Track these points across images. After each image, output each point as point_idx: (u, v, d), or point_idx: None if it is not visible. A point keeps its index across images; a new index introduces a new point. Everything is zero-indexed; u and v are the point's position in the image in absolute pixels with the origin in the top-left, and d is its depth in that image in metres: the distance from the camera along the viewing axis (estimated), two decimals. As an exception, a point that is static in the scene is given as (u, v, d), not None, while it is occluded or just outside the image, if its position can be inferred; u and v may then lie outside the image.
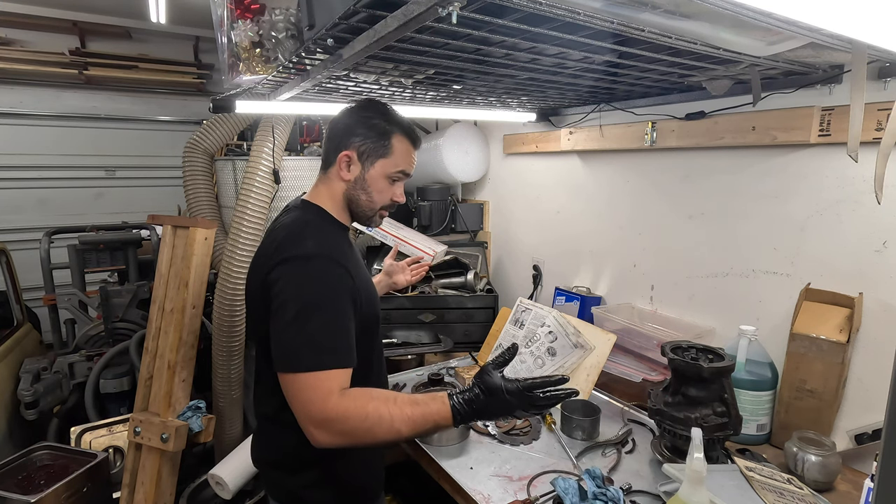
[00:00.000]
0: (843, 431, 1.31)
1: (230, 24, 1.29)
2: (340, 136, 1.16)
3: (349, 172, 1.16)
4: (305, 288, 1.01)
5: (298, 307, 0.99)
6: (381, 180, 1.18)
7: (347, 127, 1.16)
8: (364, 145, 1.15)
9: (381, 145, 1.15)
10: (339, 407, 0.96)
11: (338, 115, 1.20)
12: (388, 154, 1.16)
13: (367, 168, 1.16)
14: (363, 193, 1.18)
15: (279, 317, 1.00)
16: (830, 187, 1.37)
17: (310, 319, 0.99)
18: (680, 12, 0.81)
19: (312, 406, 0.96)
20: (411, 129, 1.20)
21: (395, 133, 1.16)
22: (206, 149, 2.34)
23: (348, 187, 1.18)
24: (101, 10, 3.84)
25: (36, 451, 1.80)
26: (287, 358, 0.99)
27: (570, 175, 2.19)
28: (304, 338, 0.98)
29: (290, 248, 1.05)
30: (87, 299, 2.67)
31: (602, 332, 1.63)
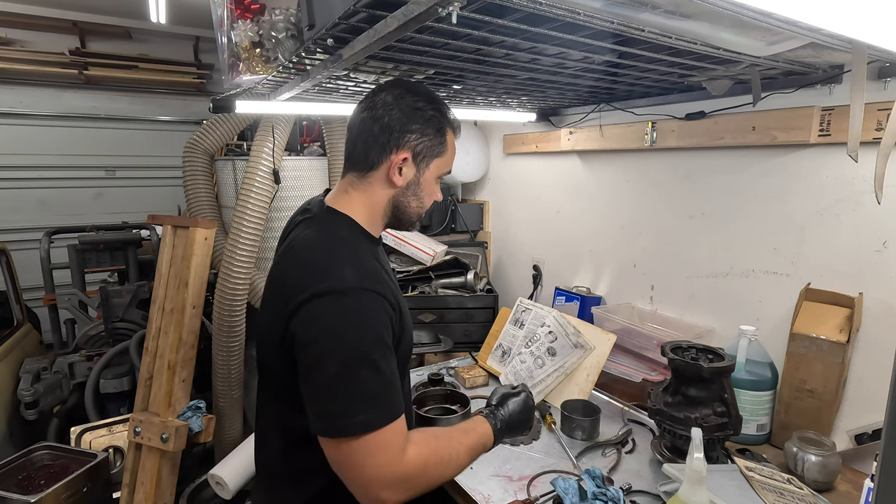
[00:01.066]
0: (843, 431, 1.31)
1: (230, 24, 1.30)
2: (390, 133, 0.95)
3: (401, 177, 0.97)
4: (348, 333, 0.82)
5: (342, 358, 0.81)
6: (433, 182, 1.02)
7: (399, 121, 0.95)
8: (421, 143, 0.96)
9: (438, 143, 0.98)
10: (418, 459, 0.84)
11: (384, 103, 0.96)
12: (444, 152, 1.00)
13: (423, 170, 0.99)
14: (414, 199, 1.01)
15: (318, 371, 0.82)
16: (830, 187, 1.37)
17: (360, 371, 0.81)
18: (680, 12, 0.81)
19: (388, 468, 0.81)
20: (458, 122, 1.05)
21: (448, 129, 1.01)
22: (206, 149, 2.34)
23: (397, 193, 0.99)
24: (101, 10, 3.84)
25: (36, 451, 1.80)
26: (338, 421, 0.80)
27: (570, 175, 2.19)
28: (357, 394, 0.81)
29: (322, 278, 0.85)
30: (87, 299, 2.67)
31: (602, 332, 1.63)
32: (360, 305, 0.84)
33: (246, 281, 2.14)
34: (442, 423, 1.41)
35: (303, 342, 0.83)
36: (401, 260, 2.37)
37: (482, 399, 1.72)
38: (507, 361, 1.82)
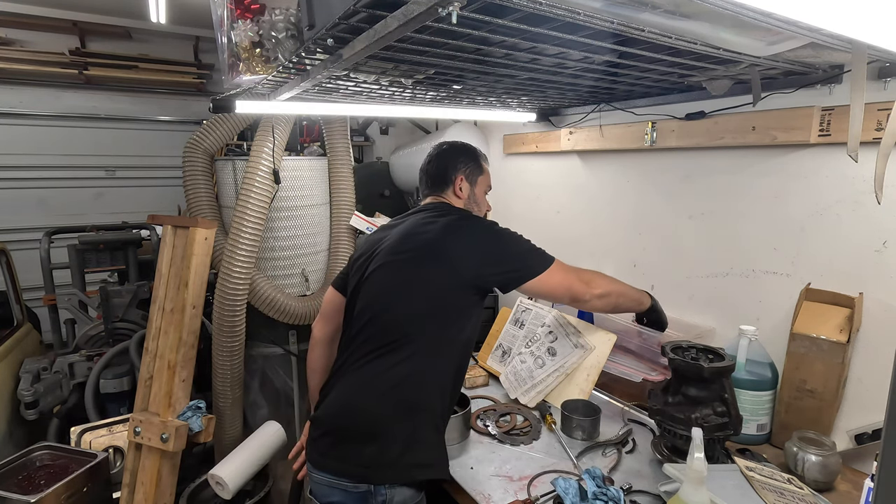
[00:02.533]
0: (843, 431, 1.31)
1: (230, 24, 1.30)
2: (449, 167, 1.47)
3: (462, 191, 1.46)
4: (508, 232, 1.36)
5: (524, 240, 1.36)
6: (482, 194, 1.52)
7: (453, 160, 1.48)
8: (468, 168, 1.48)
9: (477, 167, 1.50)
10: (590, 271, 1.41)
11: (438, 153, 1.51)
12: (483, 172, 1.51)
13: (473, 186, 1.48)
14: (475, 206, 1.50)
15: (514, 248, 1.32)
16: (830, 187, 1.37)
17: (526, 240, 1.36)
18: (680, 12, 0.81)
19: (578, 271, 1.35)
20: (483, 154, 1.56)
21: (479, 158, 1.53)
22: (206, 149, 2.34)
23: (464, 203, 1.47)
24: (101, 10, 3.85)
25: (36, 451, 1.79)
26: (540, 261, 1.30)
27: (570, 175, 2.19)
28: (530, 247, 1.34)
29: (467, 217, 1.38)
30: (87, 299, 2.67)
31: (602, 332, 1.63)
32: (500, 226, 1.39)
33: (246, 281, 2.14)
34: (442, 423, 1.42)
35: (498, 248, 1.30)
36: (401, 260, 2.37)
37: (483, 399, 1.72)
38: (508, 361, 1.82)
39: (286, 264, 2.35)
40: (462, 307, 1.27)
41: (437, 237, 1.28)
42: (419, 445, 1.19)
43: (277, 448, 2.04)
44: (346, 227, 2.50)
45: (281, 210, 2.27)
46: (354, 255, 1.46)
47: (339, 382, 1.28)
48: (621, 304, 1.45)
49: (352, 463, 1.17)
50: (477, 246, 1.28)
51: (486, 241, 1.30)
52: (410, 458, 1.17)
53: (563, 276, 1.32)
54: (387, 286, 1.29)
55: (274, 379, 2.50)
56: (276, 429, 2.07)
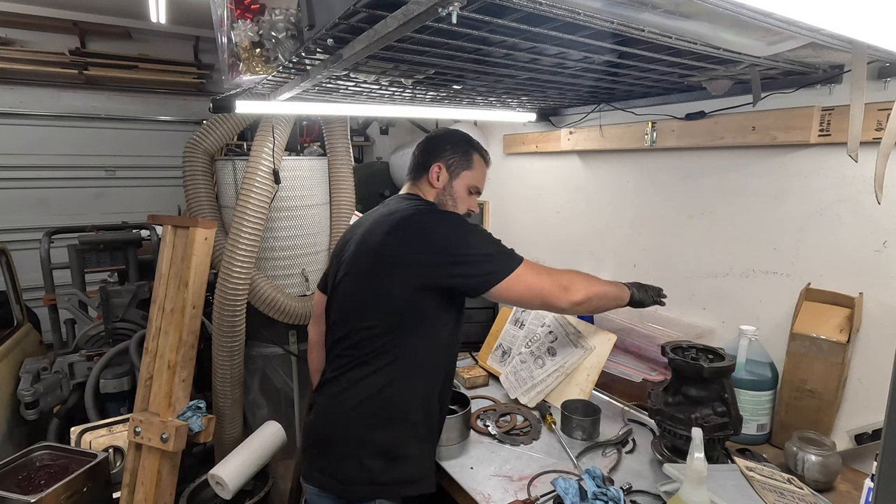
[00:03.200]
0: (843, 431, 1.31)
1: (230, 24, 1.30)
2: (432, 152, 1.37)
3: (438, 181, 1.35)
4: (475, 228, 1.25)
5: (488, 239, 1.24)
6: (463, 190, 1.38)
7: (438, 145, 1.38)
8: (452, 158, 1.36)
9: (465, 160, 1.37)
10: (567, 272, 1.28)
11: (428, 138, 1.43)
12: (471, 167, 1.38)
13: (454, 178, 1.36)
14: (450, 199, 1.36)
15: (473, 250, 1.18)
16: (830, 187, 1.37)
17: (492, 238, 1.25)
18: (680, 12, 0.81)
19: (552, 273, 1.23)
20: (485, 151, 1.45)
21: (474, 153, 1.40)
22: (206, 149, 2.34)
23: (438, 193, 1.36)
24: (101, 10, 3.85)
25: (36, 451, 1.79)
26: (508, 262, 1.18)
27: (570, 175, 2.19)
28: (494, 249, 1.22)
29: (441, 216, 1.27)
30: (87, 299, 2.67)
31: (602, 332, 1.63)
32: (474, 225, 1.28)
33: (246, 281, 2.14)
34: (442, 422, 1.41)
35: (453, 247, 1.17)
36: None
37: (482, 399, 1.72)
38: (508, 361, 1.82)
39: (286, 264, 2.35)
40: (430, 311, 1.19)
41: (393, 240, 1.19)
42: (401, 460, 1.17)
43: (277, 448, 2.04)
44: (345, 227, 2.50)
45: (281, 210, 2.27)
46: (333, 252, 1.42)
47: (321, 394, 1.28)
48: (601, 307, 1.35)
49: (334, 478, 1.17)
50: (433, 245, 1.17)
51: (443, 239, 1.18)
52: (392, 474, 1.16)
53: (535, 279, 1.19)
54: (353, 298, 1.24)
55: (274, 379, 2.50)
56: (276, 429, 2.07)
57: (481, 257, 1.17)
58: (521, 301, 1.21)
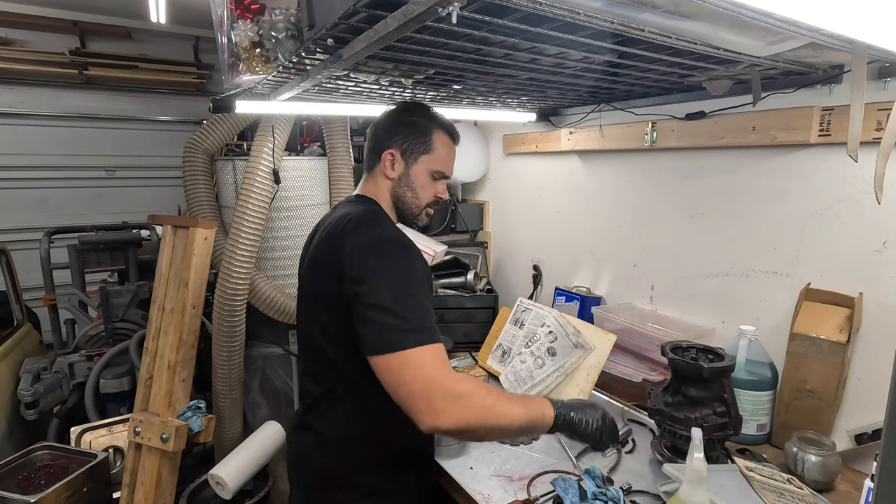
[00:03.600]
0: (843, 431, 1.31)
1: (230, 24, 1.30)
2: (383, 137, 1.20)
3: (393, 170, 1.19)
4: (398, 269, 1.00)
5: (403, 289, 0.98)
6: (424, 177, 1.20)
7: (390, 127, 1.20)
8: (406, 143, 1.18)
9: (422, 142, 1.19)
10: (471, 385, 0.96)
11: (379, 117, 1.24)
12: (431, 150, 1.20)
13: (411, 165, 1.19)
14: (408, 190, 1.20)
15: (381, 296, 0.96)
16: (830, 187, 1.37)
17: (411, 297, 0.98)
18: (680, 12, 0.81)
19: (440, 379, 0.92)
20: (450, 127, 1.24)
21: (436, 130, 1.20)
22: (206, 149, 2.34)
23: (394, 185, 1.20)
24: (101, 10, 3.85)
25: (36, 451, 1.79)
26: (396, 337, 0.94)
27: (570, 175, 2.19)
28: (411, 314, 0.96)
29: (372, 229, 1.06)
30: (87, 299, 2.66)
31: (602, 332, 1.63)
32: (416, 255, 1.05)
33: (246, 281, 2.14)
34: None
35: (371, 272, 0.99)
36: (401, 260, 2.37)
37: (482, 399, 1.72)
38: (507, 361, 1.82)
39: (286, 264, 2.35)
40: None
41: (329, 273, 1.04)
42: (377, 496, 1.12)
43: (277, 448, 2.04)
44: (346, 227, 2.50)
45: (281, 210, 2.27)
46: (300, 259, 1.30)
47: (296, 421, 1.23)
48: (489, 437, 1.07)
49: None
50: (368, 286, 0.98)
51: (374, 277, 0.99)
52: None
53: (411, 375, 0.92)
54: (307, 327, 1.15)
55: (274, 379, 2.50)
56: (276, 429, 2.07)
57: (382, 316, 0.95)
58: (390, 389, 0.95)
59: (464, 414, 0.92)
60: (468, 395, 0.93)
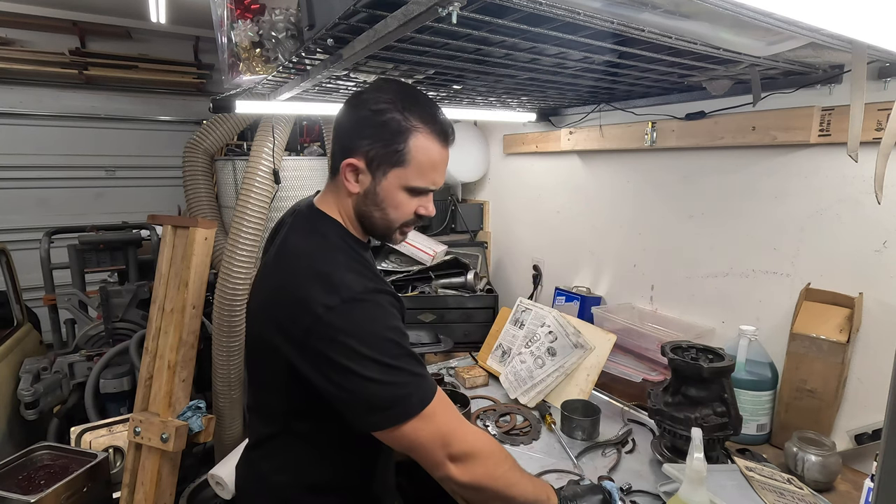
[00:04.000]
0: (843, 431, 1.31)
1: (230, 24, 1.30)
2: (345, 138, 0.92)
3: (357, 184, 0.93)
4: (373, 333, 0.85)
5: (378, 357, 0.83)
6: (397, 193, 0.93)
7: (353, 126, 0.92)
8: (373, 150, 0.90)
9: (394, 151, 0.89)
10: (486, 441, 0.91)
11: (343, 108, 0.95)
12: (406, 162, 0.90)
13: (379, 179, 0.92)
14: (376, 210, 0.94)
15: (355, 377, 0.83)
16: (830, 187, 1.37)
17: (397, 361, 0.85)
18: (680, 12, 0.81)
19: (460, 431, 0.87)
20: (439, 123, 0.92)
21: (415, 133, 0.89)
22: (206, 149, 2.35)
23: (357, 201, 0.95)
24: (101, 10, 3.84)
25: (36, 451, 1.79)
26: (393, 408, 0.83)
27: (570, 175, 2.19)
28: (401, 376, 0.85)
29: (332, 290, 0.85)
30: (87, 299, 2.66)
31: (602, 332, 1.63)
32: (373, 306, 0.87)
33: (246, 281, 2.14)
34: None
35: (327, 355, 0.84)
36: (401, 260, 2.37)
37: (483, 399, 1.72)
38: (507, 361, 1.82)
39: (286, 264, 2.35)
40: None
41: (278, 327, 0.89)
42: None
43: (277, 448, 2.04)
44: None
45: (281, 210, 2.26)
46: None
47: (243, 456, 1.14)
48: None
49: None
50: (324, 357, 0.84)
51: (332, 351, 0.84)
52: None
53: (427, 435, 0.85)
54: (255, 355, 1.02)
55: (274, 379, 2.50)
56: (276, 429, 2.06)
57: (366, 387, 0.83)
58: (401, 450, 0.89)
59: (480, 473, 0.88)
60: (487, 455, 0.90)
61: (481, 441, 0.91)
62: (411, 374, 0.86)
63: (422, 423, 0.84)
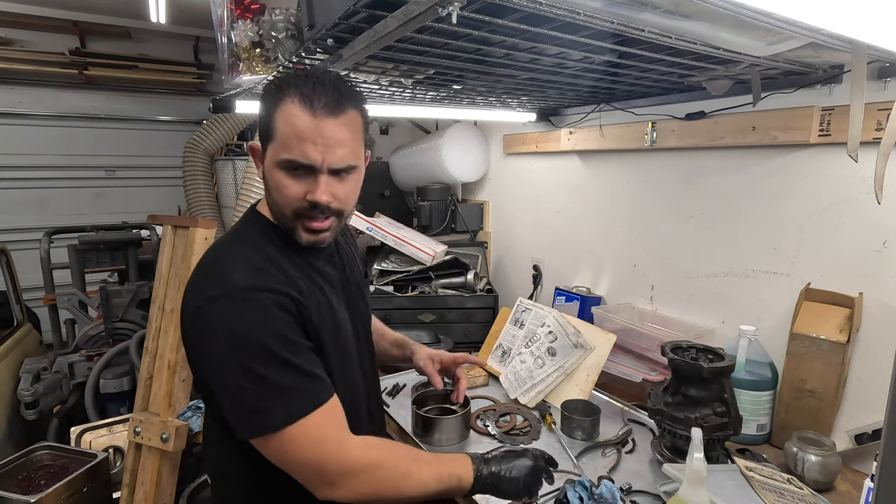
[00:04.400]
0: (843, 431, 1.31)
1: (230, 24, 1.30)
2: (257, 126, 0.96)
3: (260, 169, 0.92)
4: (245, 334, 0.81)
5: (245, 360, 0.80)
6: (274, 172, 0.87)
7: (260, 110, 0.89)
8: (260, 128, 0.89)
9: (267, 125, 0.86)
10: (368, 457, 0.84)
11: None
12: (275, 135, 0.85)
13: (265, 159, 0.89)
14: (268, 195, 0.91)
15: (225, 377, 0.81)
16: (830, 187, 1.37)
17: (266, 368, 0.80)
18: (680, 12, 0.81)
19: (328, 458, 0.81)
20: (305, 88, 0.83)
21: (283, 103, 0.83)
22: (206, 149, 2.35)
23: (266, 192, 0.93)
24: (101, 10, 3.84)
25: (36, 451, 1.80)
26: (258, 419, 0.80)
27: (570, 175, 2.19)
28: (268, 391, 0.79)
29: (213, 283, 0.84)
30: (87, 299, 2.67)
31: (602, 332, 1.63)
32: (252, 305, 0.82)
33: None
34: (442, 423, 1.42)
35: (203, 350, 0.83)
36: (401, 260, 2.37)
37: (482, 399, 1.72)
38: (507, 361, 1.82)
39: (286, 264, 2.35)
40: None
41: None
42: None
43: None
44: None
45: (281, 210, 2.27)
46: None
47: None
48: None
49: None
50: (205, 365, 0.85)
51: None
52: None
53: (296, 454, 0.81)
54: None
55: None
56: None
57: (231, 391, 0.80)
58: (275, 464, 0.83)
59: (365, 490, 0.83)
60: (372, 468, 0.84)
61: (365, 455, 0.84)
62: (277, 386, 0.79)
63: (285, 443, 0.79)
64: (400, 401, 1.68)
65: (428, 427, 1.42)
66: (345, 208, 0.92)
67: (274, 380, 0.80)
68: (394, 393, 1.72)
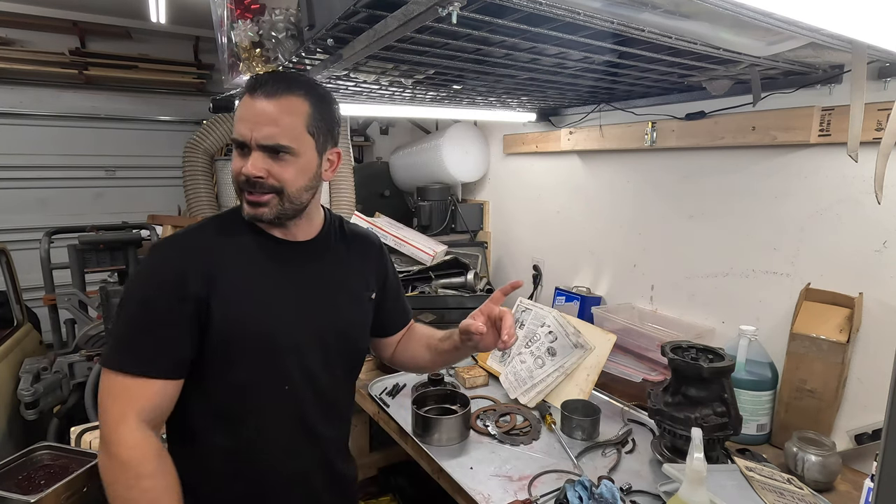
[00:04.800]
0: (843, 431, 1.31)
1: (230, 24, 1.30)
2: None
3: None
4: (132, 278, 1.03)
5: (121, 298, 0.94)
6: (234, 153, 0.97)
7: None
8: None
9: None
10: (131, 438, 0.85)
11: None
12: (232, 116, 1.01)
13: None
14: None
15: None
16: (830, 187, 1.37)
17: (122, 311, 0.91)
18: (680, 12, 0.81)
19: (105, 417, 0.86)
20: (255, 79, 0.93)
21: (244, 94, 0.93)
22: (206, 149, 2.35)
23: None
24: (101, 10, 3.84)
25: (36, 451, 1.79)
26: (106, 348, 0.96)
27: (570, 175, 2.19)
28: (112, 331, 0.94)
29: None
30: (87, 299, 2.67)
31: (602, 332, 1.63)
32: (151, 258, 0.98)
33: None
34: (442, 423, 1.42)
35: None
36: (401, 260, 2.37)
37: (482, 399, 1.72)
38: (507, 361, 1.82)
39: (286, 264, 2.35)
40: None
41: None
42: None
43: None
44: (346, 227, 2.50)
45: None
46: None
47: None
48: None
49: None
50: None
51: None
52: None
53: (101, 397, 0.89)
54: None
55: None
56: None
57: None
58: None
59: (107, 474, 0.86)
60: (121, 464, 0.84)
61: (124, 445, 0.84)
62: (118, 328, 0.92)
63: (101, 381, 0.89)
64: (400, 401, 1.68)
65: (428, 427, 1.42)
66: (285, 187, 0.94)
67: (119, 324, 0.92)
68: (394, 393, 1.73)
